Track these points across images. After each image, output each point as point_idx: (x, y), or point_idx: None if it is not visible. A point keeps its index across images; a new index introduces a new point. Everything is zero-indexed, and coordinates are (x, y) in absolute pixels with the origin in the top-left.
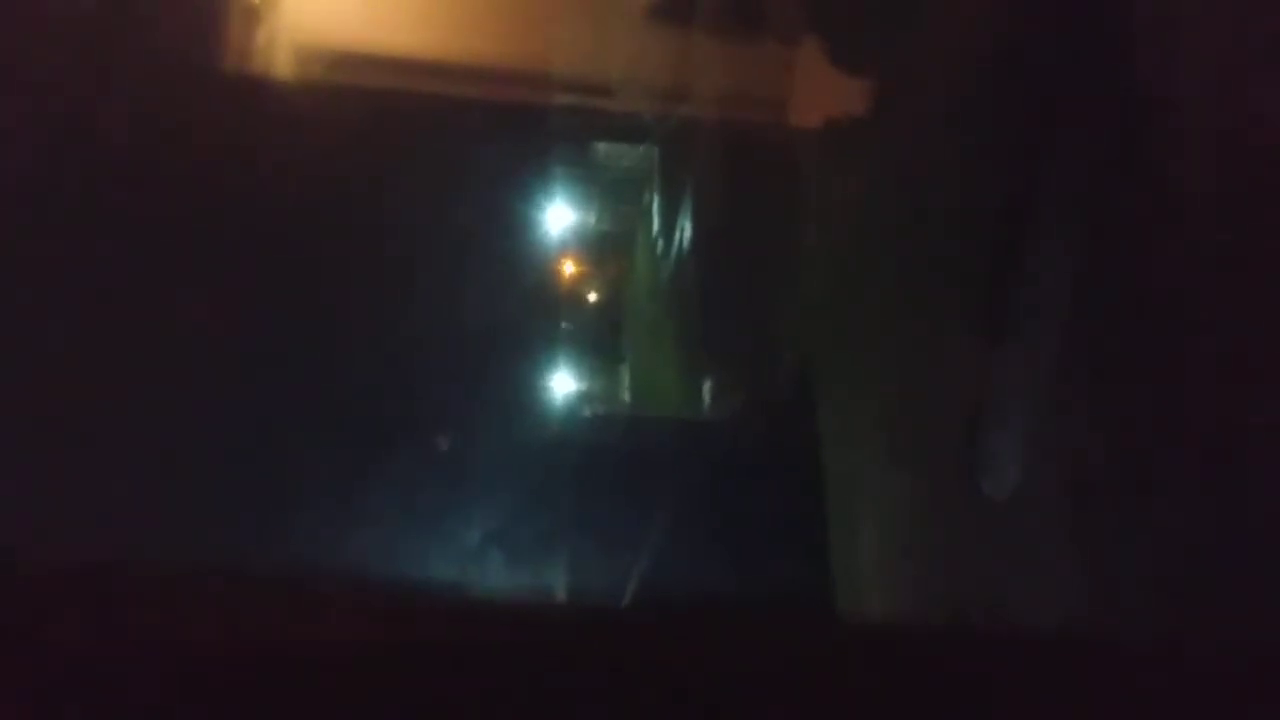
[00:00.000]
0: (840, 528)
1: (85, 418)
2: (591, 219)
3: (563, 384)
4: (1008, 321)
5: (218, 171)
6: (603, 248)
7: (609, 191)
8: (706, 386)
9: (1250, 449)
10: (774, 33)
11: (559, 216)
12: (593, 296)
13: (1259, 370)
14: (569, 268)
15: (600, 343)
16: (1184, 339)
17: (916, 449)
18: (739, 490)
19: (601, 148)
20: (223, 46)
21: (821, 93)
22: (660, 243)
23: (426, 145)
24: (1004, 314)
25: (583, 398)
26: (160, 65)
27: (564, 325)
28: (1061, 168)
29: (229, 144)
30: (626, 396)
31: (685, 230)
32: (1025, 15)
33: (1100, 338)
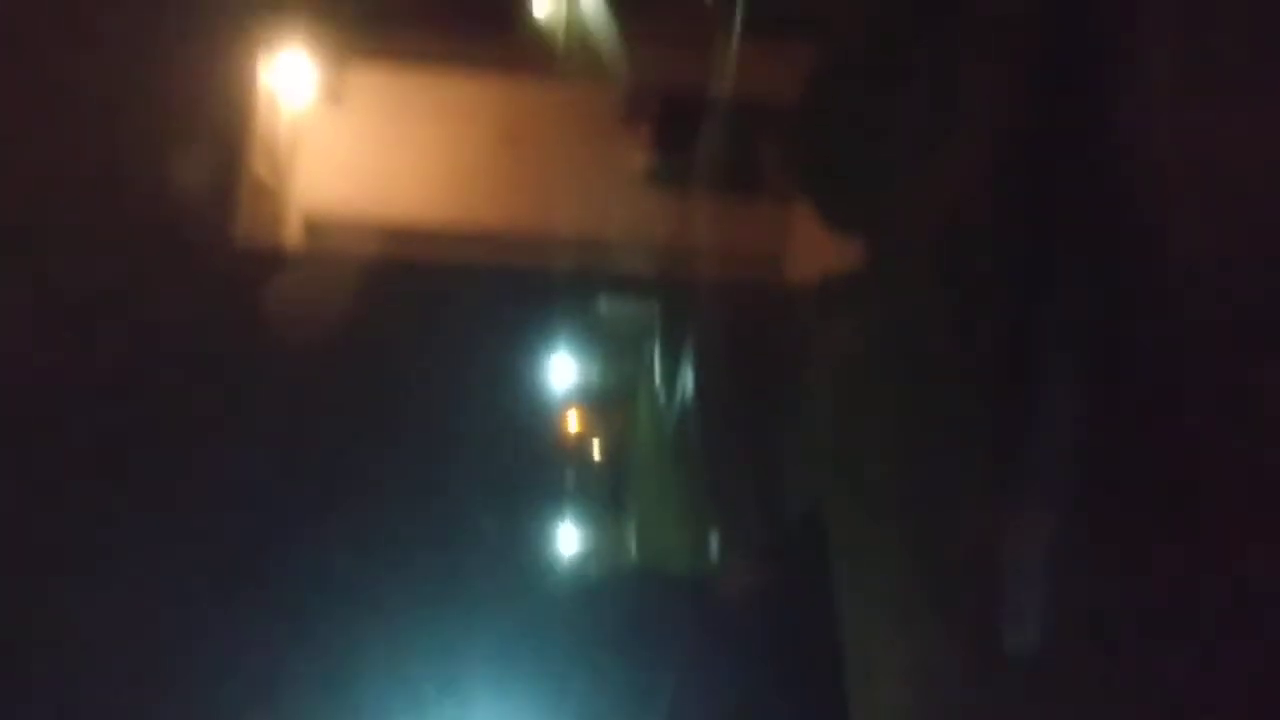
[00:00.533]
0: (855, 685)
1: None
2: (594, 375)
3: (568, 538)
4: (1020, 471)
5: (228, 340)
6: (606, 402)
7: (611, 346)
8: (713, 540)
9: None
10: (768, 192)
11: (563, 371)
12: (597, 450)
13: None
14: (573, 422)
15: (605, 496)
16: (1201, 481)
17: (933, 604)
18: (748, 647)
19: (604, 304)
20: (234, 220)
21: (817, 248)
22: (663, 396)
23: (432, 307)
24: (1016, 463)
25: (588, 552)
26: (173, 240)
27: (568, 479)
28: (1063, 310)
29: (241, 314)
30: (633, 550)
31: (687, 384)
32: (1015, 164)
33: (1116, 484)
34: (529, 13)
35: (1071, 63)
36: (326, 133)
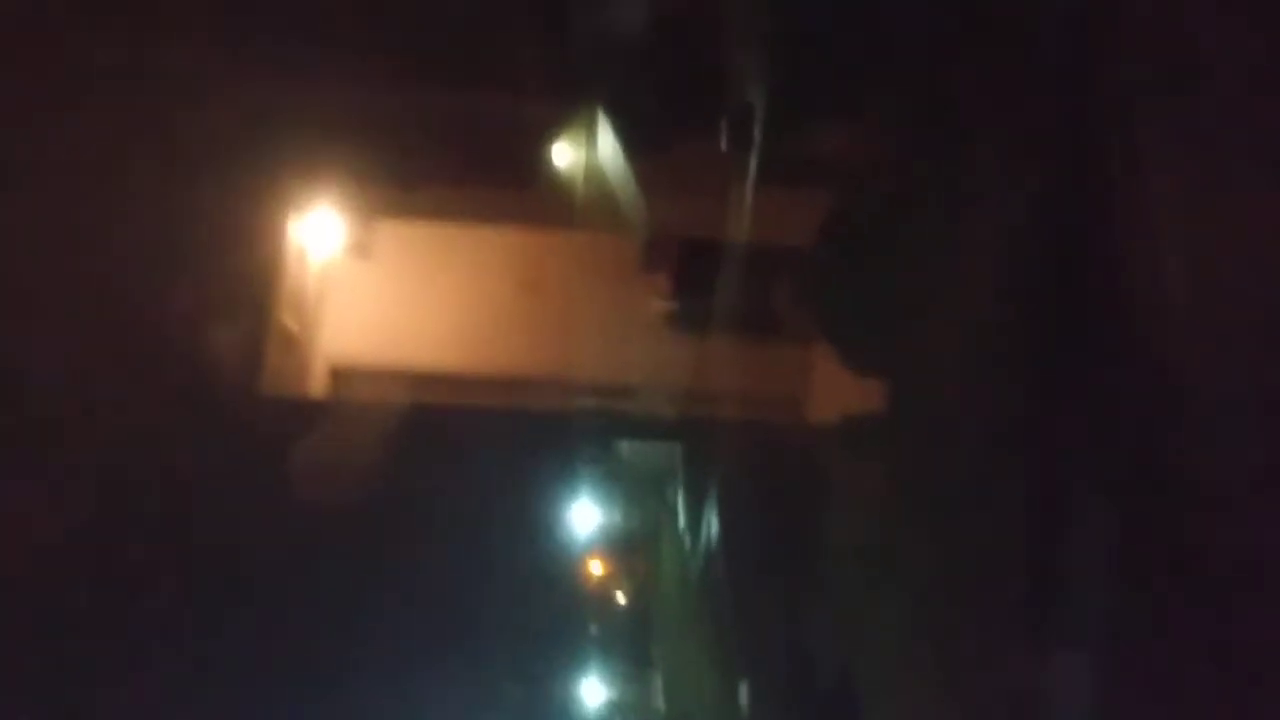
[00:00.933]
0: None
1: None
2: (617, 518)
3: (593, 692)
4: (1054, 614)
5: (256, 485)
6: (629, 547)
7: (633, 490)
8: (742, 690)
9: None
10: (788, 335)
11: (585, 517)
12: (620, 597)
13: None
14: (596, 568)
15: (630, 646)
16: (1235, 627)
17: None
18: None
19: (625, 448)
20: (262, 370)
21: (838, 390)
22: (687, 540)
23: (455, 454)
24: (1049, 606)
25: (614, 707)
26: (204, 389)
27: (592, 629)
28: (1089, 452)
29: (268, 460)
30: (660, 703)
31: (711, 527)
32: (1034, 299)
33: (1149, 626)
34: (548, 165)
35: (1082, 198)
36: (353, 285)
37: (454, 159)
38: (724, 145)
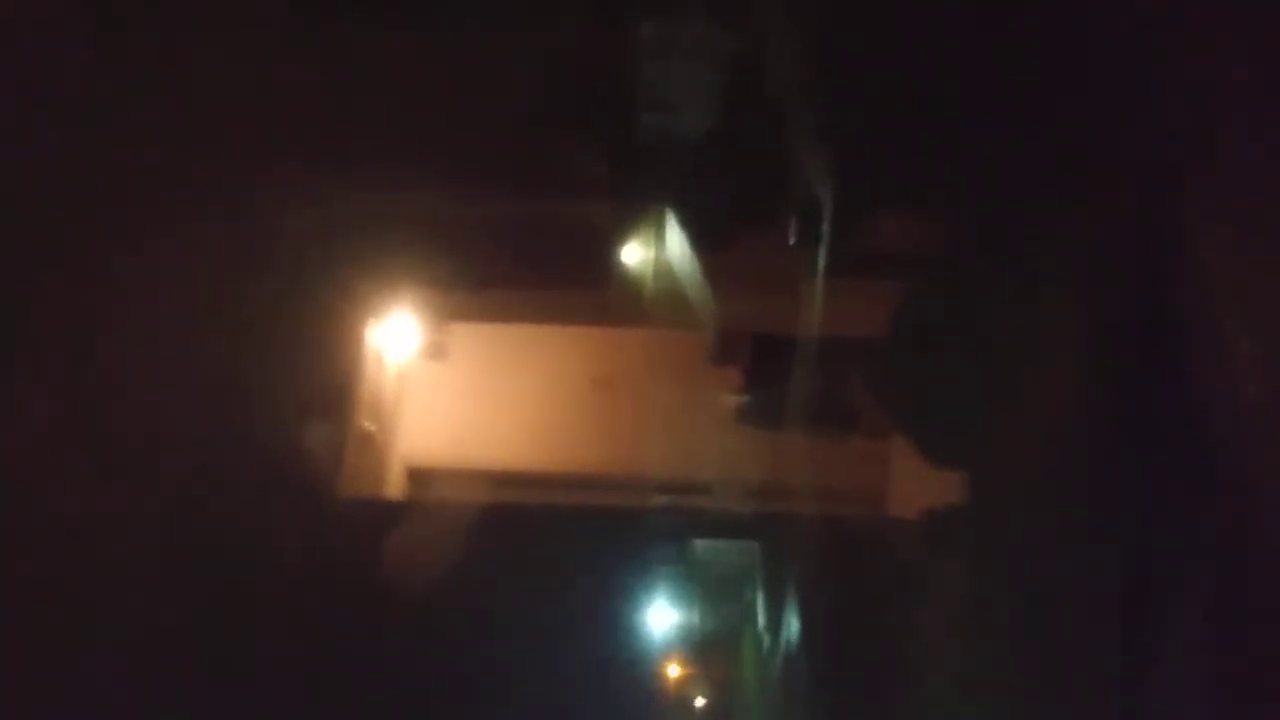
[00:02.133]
0: None
1: None
2: (695, 618)
3: None
4: (1146, 704)
5: (336, 587)
6: (708, 648)
7: (711, 589)
8: None
9: None
10: (864, 428)
11: (662, 617)
12: (700, 700)
13: None
14: (674, 670)
15: None
16: None
17: None
18: None
19: (701, 545)
20: (342, 471)
21: (917, 483)
22: (767, 640)
23: (530, 554)
24: (1145, 701)
25: None
26: (286, 491)
27: None
28: (1179, 540)
29: (348, 560)
30: None
31: (792, 626)
32: (1111, 386)
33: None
34: (618, 264)
35: (1155, 288)
36: (429, 386)
37: (525, 261)
38: (792, 240)
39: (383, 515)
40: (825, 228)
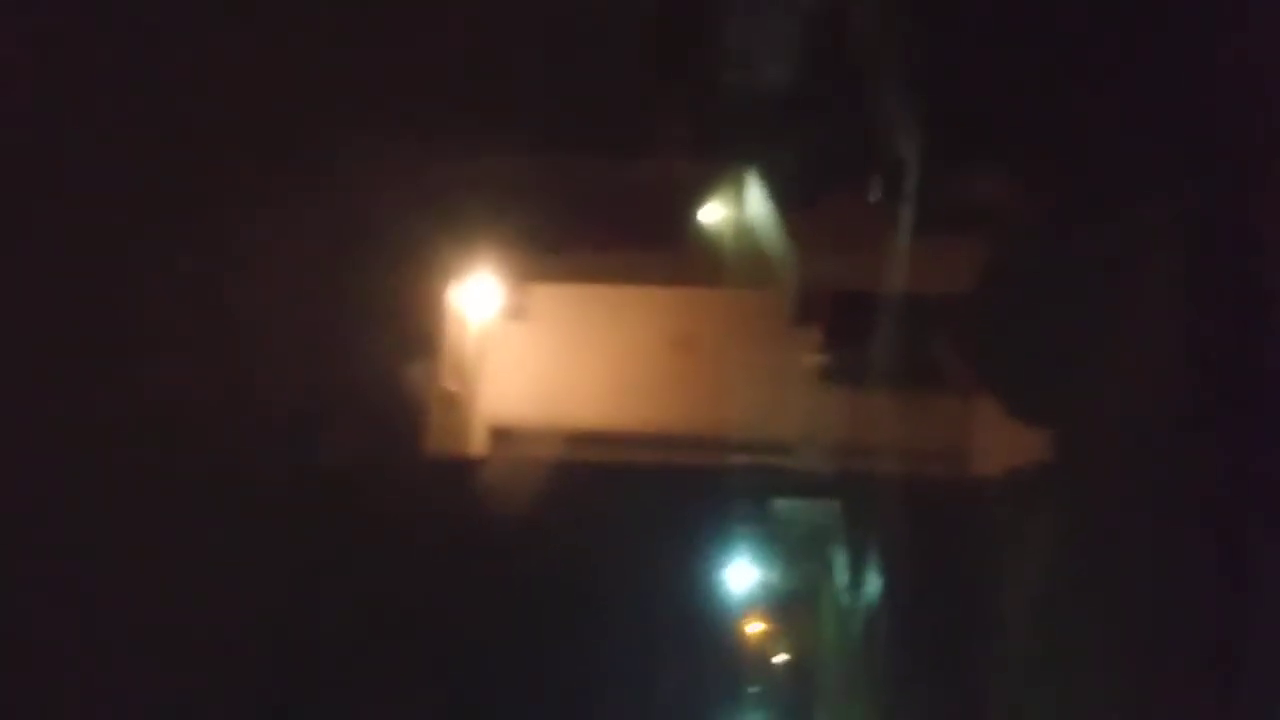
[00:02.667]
0: None
1: None
2: (775, 577)
3: None
4: (1237, 670)
5: (422, 544)
6: (788, 606)
7: (792, 549)
8: None
9: None
10: (948, 387)
11: (742, 576)
12: (780, 657)
13: None
14: (754, 627)
15: (790, 707)
16: None
17: None
18: None
19: (782, 505)
20: (426, 430)
21: (1001, 442)
22: (847, 598)
23: (612, 512)
24: (1237, 670)
25: None
26: (370, 449)
27: (752, 689)
28: (1265, 499)
29: (432, 518)
30: None
31: (872, 585)
32: (1200, 344)
33: None
34: (699, 223)
35: (1242, 249)
36: (510, 346)
37: (606, 221)
38: (876, 196)
39: (466, 472)
40: (910, 184)
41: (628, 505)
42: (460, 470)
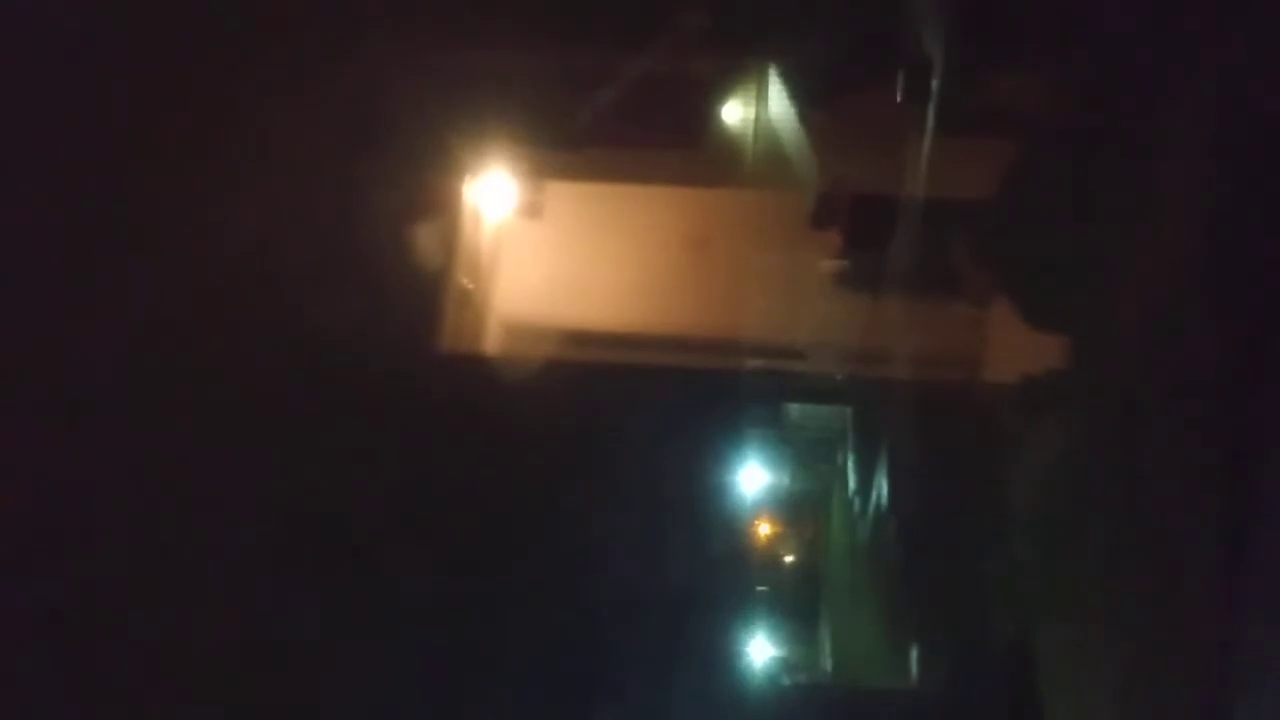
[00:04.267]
0: None
1: None
2: (785, 480)
3: (760, 650)
4: (1247, 578)
5: (433, 440)
6: (798, 509)
7: (803, 453)
8: (913, 654)
9: None
10: (964, 293)
11: (753, 479)
12: (789, 558)
13: None
14: (764, 529)
15: (798, 607)
16: None
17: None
18: None
19: (794, 410)
20: (441, 326)
21: (1016, 349)
22: (857, 503)
23: (624, 412)
24: (1244, 577)
25: (781, 665)
26: (383, 344)
27: (760, 588)
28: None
29: (444, 413)
30: (827, 664)
31: (882, 490)
32: (1219, 253)
33: None
34: (718, 122)
35: (1269, 168)
36: (525, 245)
37: (623, 119)
38: (899, 97)
39: (480, 370)
40: (935, 85)
41: (640, 406)
42: (474, 367)
